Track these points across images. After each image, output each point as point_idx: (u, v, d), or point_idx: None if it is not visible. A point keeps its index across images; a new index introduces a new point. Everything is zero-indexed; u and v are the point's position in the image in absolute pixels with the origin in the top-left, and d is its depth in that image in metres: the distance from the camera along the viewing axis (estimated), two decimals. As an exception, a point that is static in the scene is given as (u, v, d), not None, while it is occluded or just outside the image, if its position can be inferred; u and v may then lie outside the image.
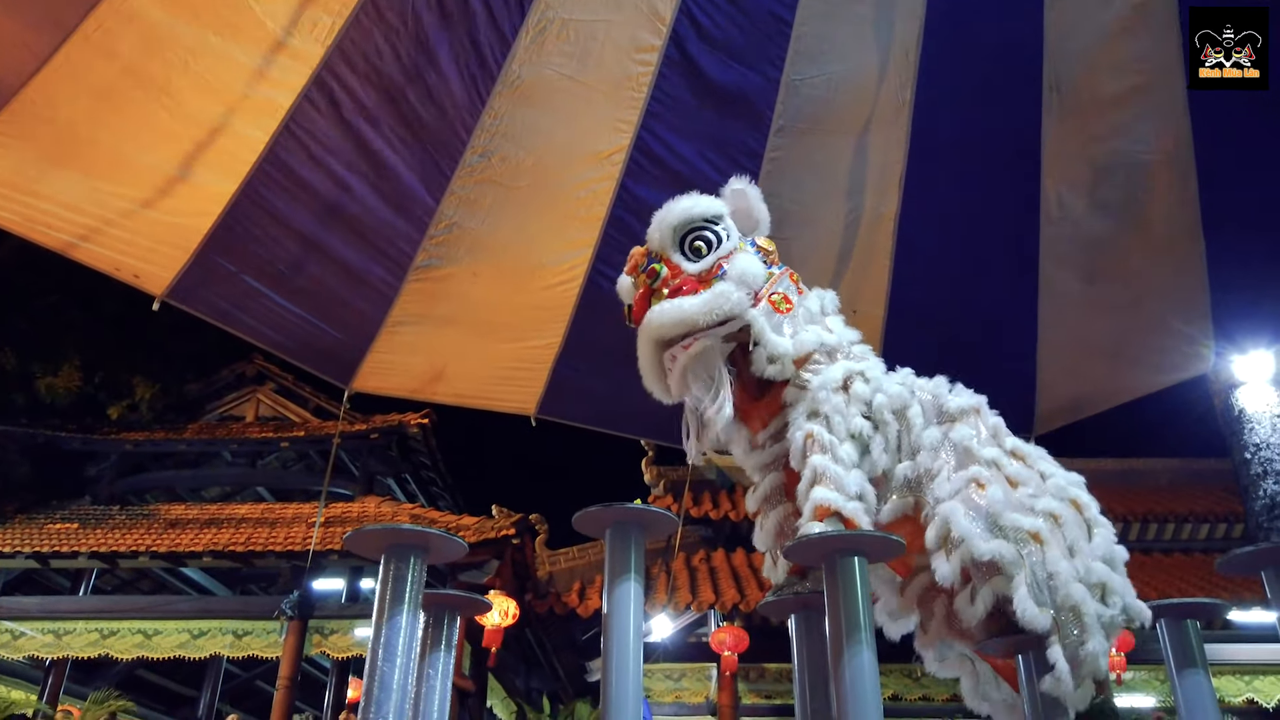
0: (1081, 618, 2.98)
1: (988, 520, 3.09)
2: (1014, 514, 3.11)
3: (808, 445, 3.27)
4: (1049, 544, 3.07)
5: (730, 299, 3.32)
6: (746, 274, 3.39)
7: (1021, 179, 6.88)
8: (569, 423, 7.52)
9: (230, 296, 6.23)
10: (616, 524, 3.03)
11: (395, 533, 2.84)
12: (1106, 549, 3.22)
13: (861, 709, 2.54)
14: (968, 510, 3.11)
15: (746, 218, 3.66)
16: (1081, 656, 2.93)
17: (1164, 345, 7.12)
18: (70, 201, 5.57)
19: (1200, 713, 3.19)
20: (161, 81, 5.39)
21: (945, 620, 3.43)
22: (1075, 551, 3.12)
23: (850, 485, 3.17)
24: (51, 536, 11.24)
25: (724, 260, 3.42)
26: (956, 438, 3.36)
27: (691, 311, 3.32)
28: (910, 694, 12.27)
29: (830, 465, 3.19)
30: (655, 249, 3.54)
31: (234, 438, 13.76)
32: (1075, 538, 3.16)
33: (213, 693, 14.28)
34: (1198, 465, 16.20)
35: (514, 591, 10.71)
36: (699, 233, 3.45)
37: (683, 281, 3.41)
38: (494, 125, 6.29)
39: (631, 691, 2.81)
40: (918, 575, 3.53)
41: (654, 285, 3.47)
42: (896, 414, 3.41)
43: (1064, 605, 2.99)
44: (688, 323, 3.32)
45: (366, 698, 2.63)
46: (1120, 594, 3.12)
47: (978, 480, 3.19)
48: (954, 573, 3.10)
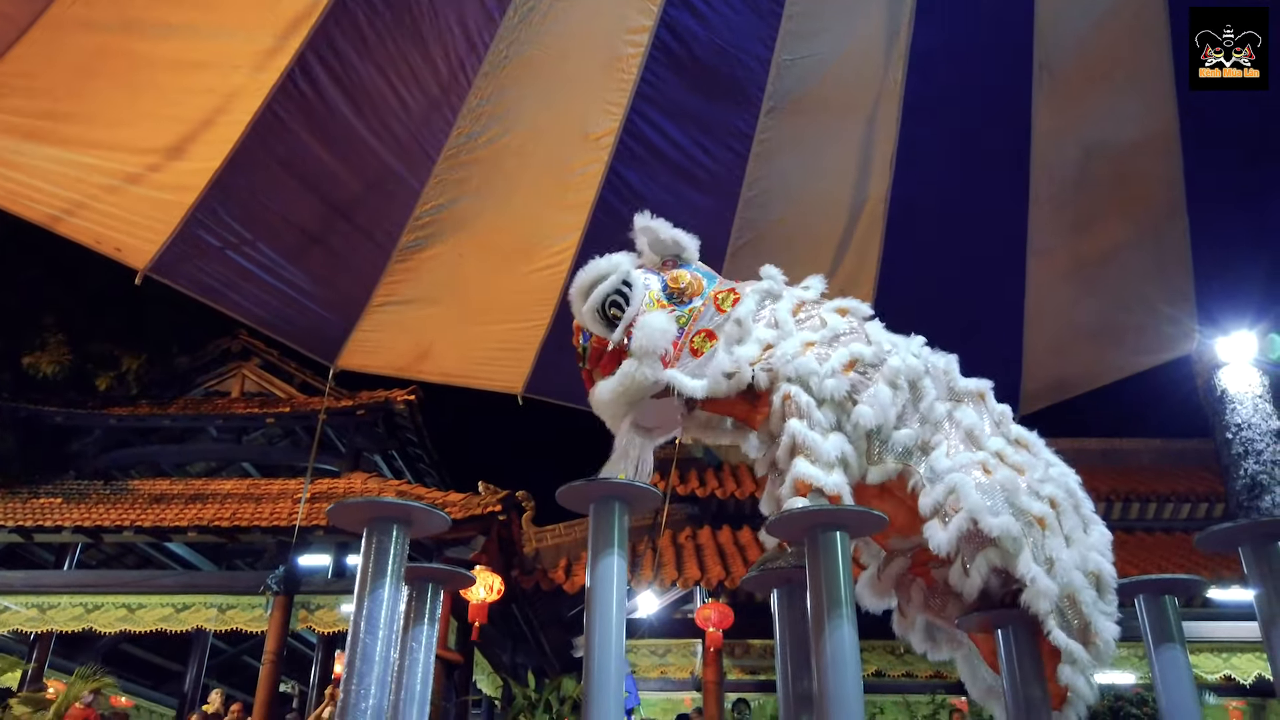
0: (1079, 605, 3.02)
1: (1000, 497, 3.10)
2: (1025, 497, 3.13)
3: (786, 406, 3.28)
4: (1052, 530, 3.10)
5: (635, 378, 3.42)
6: (649, 343, 3.43)
7: (1011, 160, 6.89)
8: (556, 402, 7.51)
9: (214, 272, 6.18)
10: (600, 499, 3.05)
11: (377, 505, 2.85)
12: (1102, 544, 3.25)
13: (842, 683, 2.57)
14: (977, 485, 3.11)
15: (663, 246, 3.71)
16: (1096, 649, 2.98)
17: (1148, 326, 7.17)
18: (52, 175, 5.51)
19: (1177, 688, 3.23)
20: (141, 55, 5.32)
21: (923, 601, 3.47)
22: (1072, 541, 3.16)
23: (829, 452, 3.16)
24: (35, 511, 11.21)
25: (632, 326, 3.49)
26: (960, 418, 3.37)
27: (608, 397, 3.49)
28: (894, 670, 12.41)
29: (807, 432, 3.18)
30: (585, 326, 3.65)
31: (219, 413, 13.70)
32: (1072, 527, 3.20)
33: (199, 667, 14.29)
34: (1180, 446, 16.36)
35: (500, 567, 10.75)
36: (612, 298, 3.53)
37: (605, 360, 3.56)
38: (480, 106, 6.23)
39: (614, 665, 2.83)
40: (895, 558, 3.55)
41: (587, 366, 3.65)
42: (911, 384, 3.39)
43: (1063, 592, 3.02)
44: (609, 406, 3.51)
45: (349, 669, 2.65)
46: (1111, 586, 3.15)
47: (985, 465, 3.20)
48: (950, 542, 3.10)
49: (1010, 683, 3.07)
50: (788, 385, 3.30)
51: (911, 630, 3.59)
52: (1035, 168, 6.91)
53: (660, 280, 3.62)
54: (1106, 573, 3.14)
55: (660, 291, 3.59)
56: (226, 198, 5.81)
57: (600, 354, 3.56)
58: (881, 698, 12.19)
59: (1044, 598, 2.94)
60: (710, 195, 6.68)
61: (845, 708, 2.52)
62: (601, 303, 3.51)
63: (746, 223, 6.84)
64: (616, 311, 3.51)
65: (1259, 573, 2.84)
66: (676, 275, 3.64)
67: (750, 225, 6.87)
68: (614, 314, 3.51)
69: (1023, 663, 3.04)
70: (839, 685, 2.56)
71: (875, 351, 3.41)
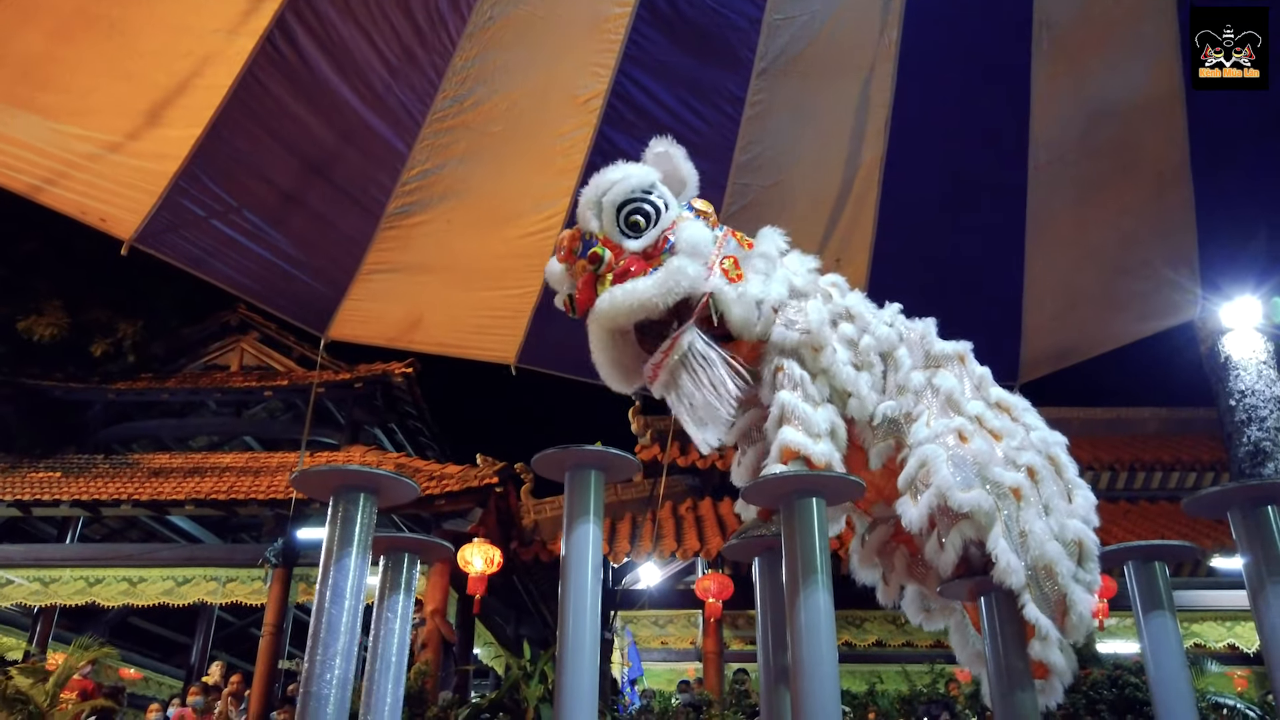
0: (1055, 577, 2.94)
1: (973, 470, 3.02)
2: (998, 468, 3.04)
3: (777, 379, 3.19)
4: (1027, 502, 3.01)
5: (686, 274, 3.08)
6: (697, 244, 3.15)
7: (1010, 122, 6.75)
8: (549, 372, 7.44)
9: (201, 242, 6.10)
10: (575, 466, 2.99)
11: (343, 473, 2.78)
12: (1085, 510, 3.17)
13: (816, 650, 2.51)
14: (949, 457, 3.03)
15: (674, 181, 3.41)
16: (1071, 622, 2.91)
17: (1151, 292, 7.05)
18: (32, 143, 5.42)
19: (1166, 657, 3.17)
20: (118, 19, 5.21)
21: (906, 569, 3.41)
22: (1051, 509, 3.07)
23: (819, 423, 3.06)
24: (34, 485, 11.22)
25: (668, 232, 3.19)
26: (939, 384, 3.28)
27: (646, 293, 3.06)
28: (893, 640, 12.41)
29: (798, 403, 3.08)
30: (590, 230, 3.25)
31: (217, 387, 13.69)
32: (1051, 495, 3.11)
33: (205, 639, 14.38)
34: (1184, 414, 16.23)
35: (499, 539, 10.74)
36: (635, 205, 3.19)
37: (629, 262, 3.16)
38: (465, 68, 6.10)
39: (589, 633, 2.78)
40: (878, 526, 3.49)
41: (598, 271, 3.18)
42: (884, 355, 3.31)
43: (1037, 564, 2.95)
44: (645, 306, 3.08)
45: (313, 640, 2.59)
46: (1094, 554, 3.07)
47: (961, 432, 3.12)
48: (920, 518, 3.04)
49: (992, 651, 3.01)
50: (780, 358, 3.21)
51: (897, 598, 3.54)
52: (1035, 130, 6.76)
53: (685, 204, 3.38)
54: (1089, 540, 3.07)
55: (688, 211, 3.34)
56: (209, 165, 5.72)
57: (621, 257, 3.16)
58: (882, 667, 12.19)
59: (1012, 574, 2.88)
60: (703, 159, 6.45)
61: (819, 675, 2.46)
62: (623, 206, 3.17)
63: (740, 188, 6.72)
64: (639, 219, 3.18)
65: (1247, 537, 2.76)
66: (703, 201, 3.43)
67: (744, 190, 6.76)
68: (635, 220, 3.18)
69: (1004, 631, 2.98)
70: (813, 653, 2.50)
71: (857, 328, 3.33)
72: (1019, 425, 3.30)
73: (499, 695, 7.10)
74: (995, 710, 2.99)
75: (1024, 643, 2.96)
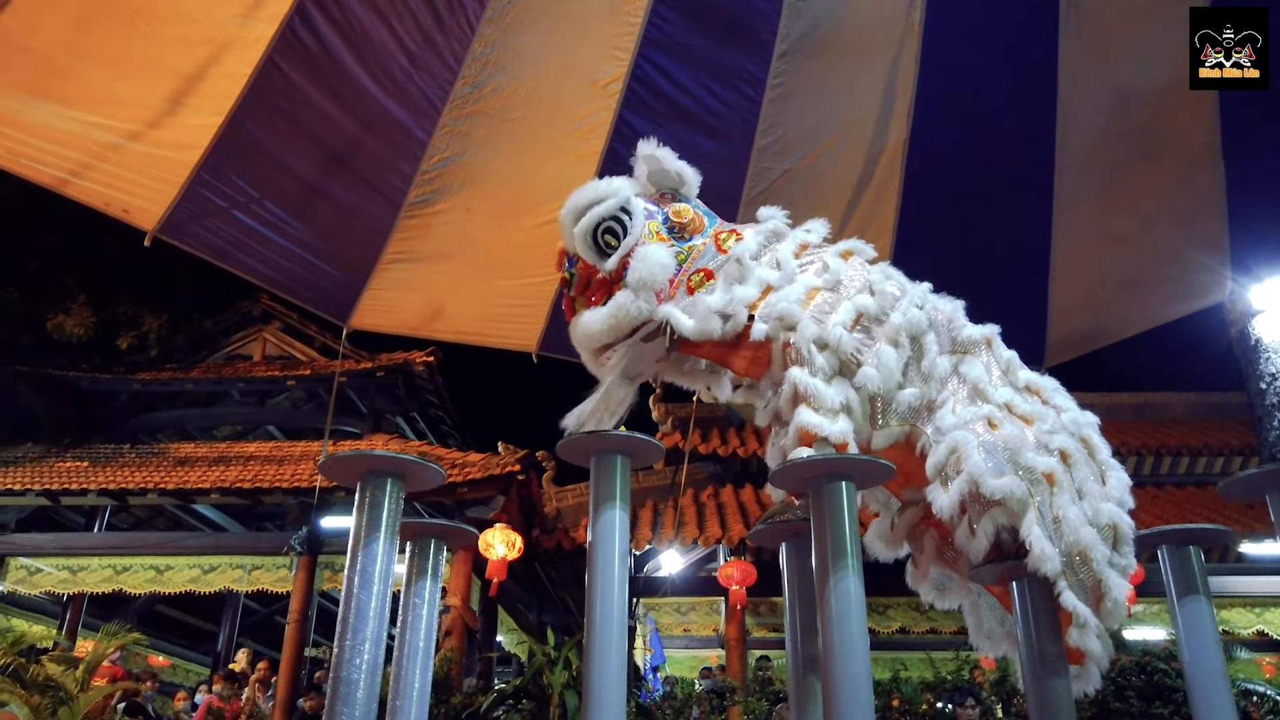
0: (1090, 563, 2.89)
1: (1005, 457, 2.97)
2: (1030, 453, 2.99)
3: (787, 354, 3.16)
4: (1060, 488, 2.96)
5: (629, 311, 3.24)
6: (648, 276, 3.25)
7: (1036, 104, 6.65)
8: (572, 359, 7.42)
9: (223, 232, 6.13)
10: (600, 451, 2.97)
11: (370, 459, 2.78)
12: (1120, 492, 3.11)
13: (846, 635, 2.48)
14: (980, 444, 2.98)
15: (664, 177, 3.52)
16: (1106, 608, 2.87)
17: (1179, 274, 6.96)
18: (55, 135, 5.45)
19: (1200, 640, 3.13)
20: (137, 8, 5.22)
21: (936, 553, 3.36)
22: (1084, 493, 3.01)
23: (833, 399, 3.03)
24: (62, 474, 11.34)
25: (629, 256, 3.29)
26: (966, 372, 3.22)
27: (595, 329, 3.30)
28: (918, 626, 12.35)
29: (809, 380, 3.05)
30: (570, 249, 3.42)
31: (240, 376, 13.78)
32: (1084, 478, 3.05)
33: (232, 627, 14.52)
34: (1213, 398, 16.02)
35: (520, 527, 10.76)
36: (607, 224, 3.31)
37: (593, 289, 3.36)
38: (484, 54, 6.09)
39: (616, 616, 2.77)
40: (908, 509, 3.44)
41: (572, 293, 3.42)
42: (912, 339, 3.25)
43: (1072, 550, 2.89)
44: (594, 338, 3.33)
45: (342, 625, 2.59)
46: (1129, 538, 3.02)
47: (990, 419, 3.06)
48: (952, 505, 3.00)
49: (1025, 637, 2.97)
50: (788, 333, 3.18)
51: (924, 581, 3.50)
52: (1062, 113, 6.67)
53: (662, 213, 3.44)
54: (1124, 524, 3.01)
55: (661, 225, 3.41)
56: (230, 154, 5.74)
57: (588, 281, 3.36)
58: (906, 654, 12.14)
59: (1047, 561, 2.83)
60: (724, 143, 6.52)
61: (850, 661, 2.44)
62: (595, 227, 3.30)
63: (762, 171, 6.67)
64: (611, 239, 3.30)
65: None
66: (680, 209, 3.45)
67: (766, 173, 6.71)
68: (608, 241, 3.30)
69: (1038, 618, 2.94)
70: (844, 639, 2.47)
71: (879, 304, 3.26)
72: (1050, 408, 3.23)
73: (523, 682, 7.12)
74: (1029, 696, 2.96)
75: (1057, 628, 2.92)
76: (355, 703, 2.49)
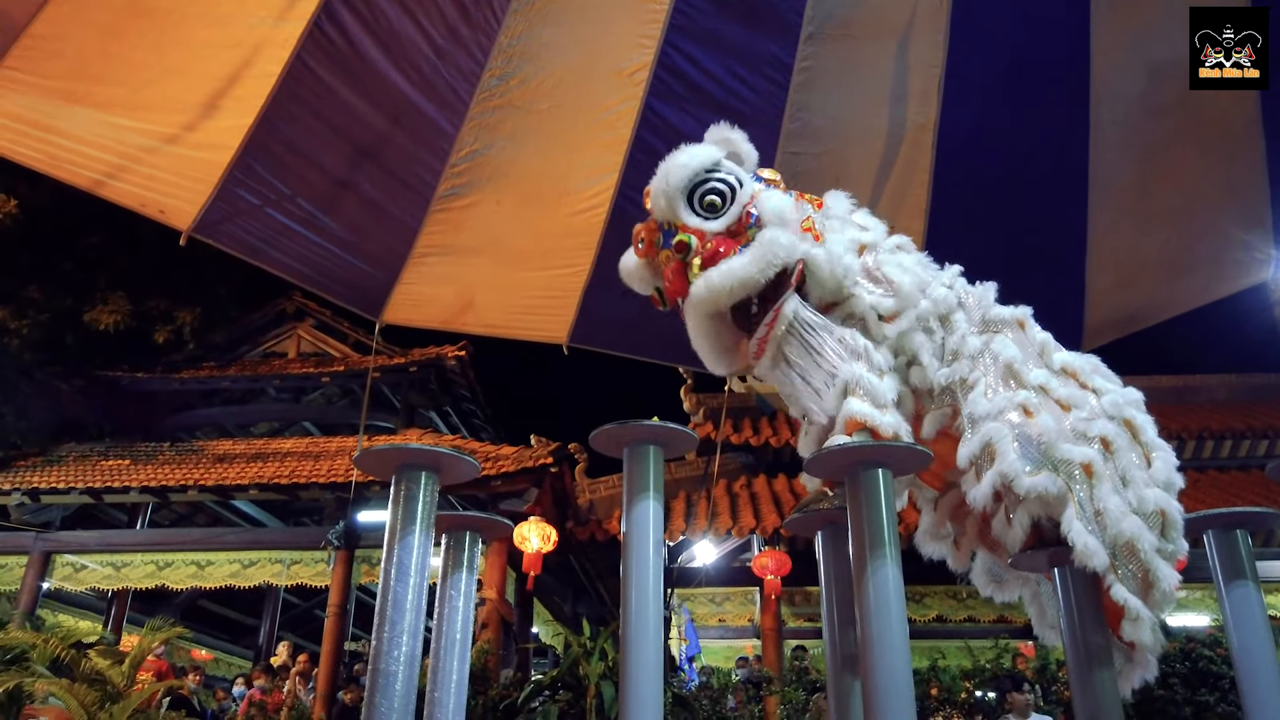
0: (1137, 554, 2.81)
1: (1039, 450, 2.90)
2: (1067, 445, 2.91)
3: (841, 349, 3.09)
4: (1100, 478, 2.87)
5: (780, 244, 3.04)
6: (783, 212, 3.10)
7: (1069, 81, 6.53)
8: (601, 350, 7.43)
9: (257, 231, 6.18)
10: (633, 442, 2.96)
11: (405, 452, 2.78)
12: (1166, 474, 3.02)
13: (885, 624, 2.45)
14: (1015, 437, 2.91)
15: (737, 160, 3.38)
16: (1155, 597, 2.80)
17: (1220, 254, 6.80)
18: (90, 138, 5.53)
19: (1249, 627, 3.06)
20: (167, 11, 5.28)
21: (978, 534, 3.32)
22: (1128, 481, 2.93)
23: (885, 393, 2.97)
24: (104, 473, 11.54)
25: (748, 206, 3.13)
26: (998, 350, 3.15)
27: (745, 271, 3.04)
28: (955, 615, 12.24)
29: (864, 373, 2.99)
30: (667, 219, 3.21)
31: (276, 374, 13.93)
32: (1127, 465, 2.96)
33: (272, 621, 14.73)
34: (1256, 379, 15.70)
35: (554, 519, 10.79)
36: (707, 185, 3.15)
37: (716, 244, 3.11)
38: (510, 46, 6.09)
39: (652, 607, 2.76)
40: (950, 490, 3.40)
41: (686, 259, 3.14)
42: (941, 319, 3.22)
43: (1116, 542, 2.82)
44: (745, 284, 3.05)
45: (380, 618, 2.61)
46: (1178, 523, 2.94)
47: (1025, 407, 2.99)
48: (985, 497, 2.95)
49: (1069, 628, 2.93)
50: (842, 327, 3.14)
51: (968, 563, 3.45)
52: (1095, 89, 6.54)
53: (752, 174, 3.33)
54: (1171, 509, 2.93)
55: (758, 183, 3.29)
56: (262, 154, 5.79)
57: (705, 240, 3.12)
58: (944, 643, 12.04)
59: (1092, 556, 2.77)
60: (751, 128, 6.40)
61: (889, 652, 2.41)
62: (696, 185, 3.14)
63: (790, 156, 6.61)
64: (715, 199, 3.14)
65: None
66: (768, 173, 3.38)
67: (794, 159, 6.65)
68: (711, 200, 3.14)
69: (1081, 608, 2.89)
70: (882, 629, 2.44)
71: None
72: (1087, 392, 3.15)
73: (560, 673, 7.13)
74: (1074, 687, 2.91)
75: (1101, 618, 2.87)
76: (394, 694, 2.51)
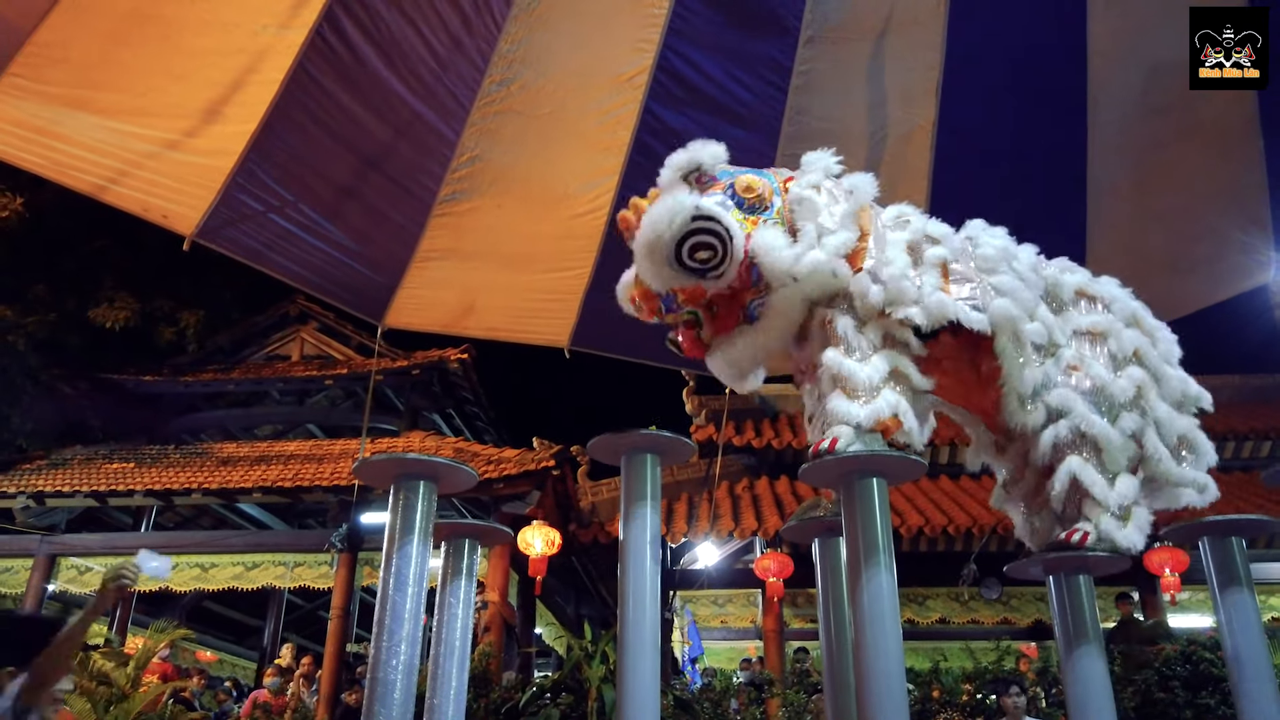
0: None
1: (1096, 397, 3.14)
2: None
3: (823, 333, 3.05)
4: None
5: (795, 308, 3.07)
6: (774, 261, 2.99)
7: (1066, 82, 6.53)
8: (603, 353, 7.45)
9: (259, 236, 6.22)
10: (631, 450, 2.98)
11: (403, 462, 2.81)
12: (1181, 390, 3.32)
13: (879, 632, 2.47)
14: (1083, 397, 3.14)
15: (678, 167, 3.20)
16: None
17: (1220, 255, 6.80)
18: (93, 144, 5.56)
19: (1244, 631, 3.08)
20: (169, 19, 5.32)
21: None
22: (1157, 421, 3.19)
23: (865, 380, 2.86)
24: (109, 476, 11.60)
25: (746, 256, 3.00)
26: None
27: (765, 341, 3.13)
28: (958, 617, 12.25)
29: (843, 361, 2.91)
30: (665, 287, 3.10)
31: (280, 376, 13.99)
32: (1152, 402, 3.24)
33: (277, 623, 14.78)
34: (1258, 381, 15.67)
35: (557, 522, 10.82)
36: (694, 240, 2.94)
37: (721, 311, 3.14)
38: (511, 51, 6.12)
39: (649, 616, 2.78)
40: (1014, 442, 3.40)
41: (700, 335, 3.17)
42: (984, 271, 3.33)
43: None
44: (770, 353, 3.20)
45: (379, 627, 2.63)
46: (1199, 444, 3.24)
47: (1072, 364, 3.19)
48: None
49: (1061, 627, 2.95)
50: (825, 310, 3.05)
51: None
52: (1093, 90, 6.54)
53: (729, 198, 3.12)
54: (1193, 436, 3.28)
55: (739, 210, 3.11)
56: (264, 160, 5.82)
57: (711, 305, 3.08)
58: (945, 644, 12.05)
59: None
60: (750, 131, 6.48)
61: (883, 659, 2.43)
62: (677, 249, 2.93)
63: (789, 160, 6.62)
64: (704, 253, 2.93)
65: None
66: (746, 182, 3.16)
67: (793, 162, 6.65)
68: (703, 257, 2.93)
69: (1074, 609, 2.91)
70: (876, 636, 2.46)
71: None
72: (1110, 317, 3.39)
73: (561, 676, 7.15)
74: (1065, 681, 2.94)
75: (1093, 618, 2.90)
76: (392, 702, 2.53)
